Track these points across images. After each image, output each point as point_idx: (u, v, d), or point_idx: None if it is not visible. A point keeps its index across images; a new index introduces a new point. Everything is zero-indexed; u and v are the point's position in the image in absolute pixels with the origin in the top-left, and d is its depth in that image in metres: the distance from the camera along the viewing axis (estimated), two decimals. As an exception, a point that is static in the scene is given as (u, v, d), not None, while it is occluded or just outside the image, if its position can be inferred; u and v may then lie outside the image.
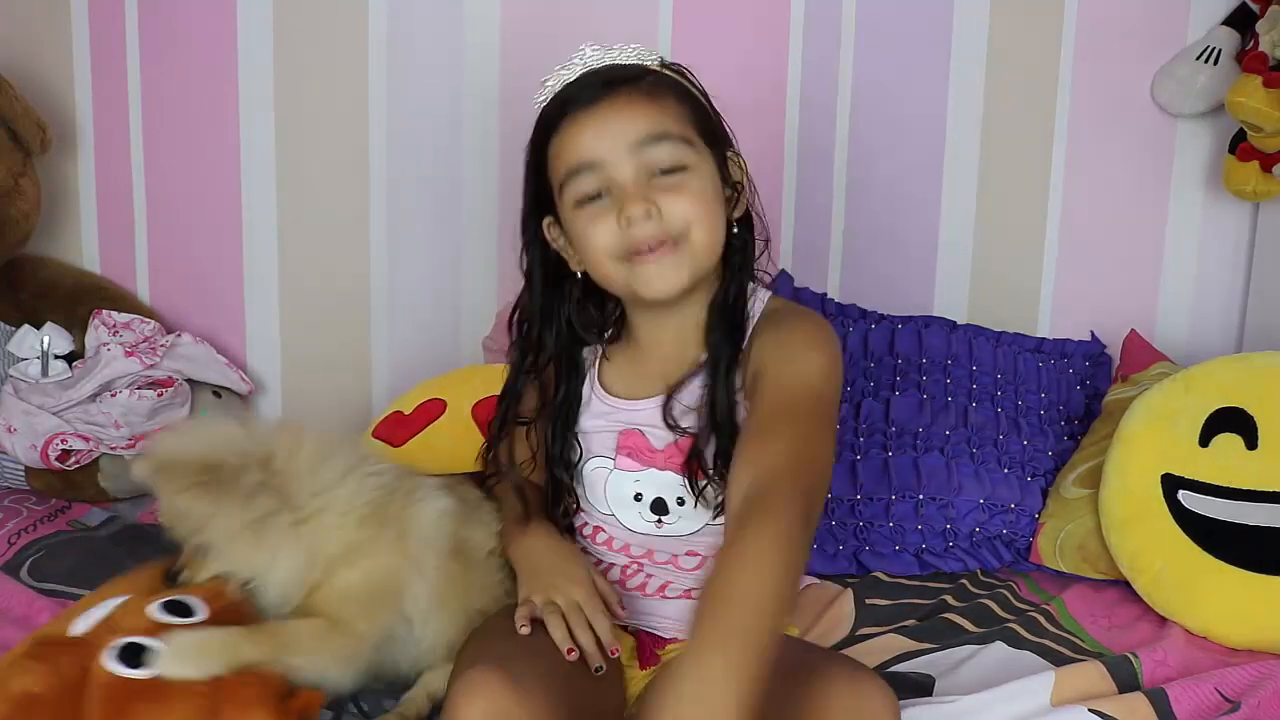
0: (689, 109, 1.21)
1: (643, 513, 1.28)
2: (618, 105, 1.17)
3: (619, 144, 1.17)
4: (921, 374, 1.76)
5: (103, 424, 1.75)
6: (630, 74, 1.20)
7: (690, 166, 1.19)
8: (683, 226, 1.17)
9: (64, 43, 1.95)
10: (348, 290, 1.98)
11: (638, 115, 1.17)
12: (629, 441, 1.26)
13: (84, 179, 1.99)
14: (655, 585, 1.29)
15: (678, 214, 1.17)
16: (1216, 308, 1.98)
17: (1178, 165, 1.95)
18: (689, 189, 1.18)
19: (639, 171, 1.17)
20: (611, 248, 1.18)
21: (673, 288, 1.19)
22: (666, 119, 1.18)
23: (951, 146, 1.95)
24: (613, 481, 1.28)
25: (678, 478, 1.24)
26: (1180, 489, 1.51)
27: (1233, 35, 1.86)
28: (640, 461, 1.26)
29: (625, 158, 1.17)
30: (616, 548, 1.30)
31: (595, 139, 1.17)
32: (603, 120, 1.17)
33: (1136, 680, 1.32)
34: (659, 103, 1.19)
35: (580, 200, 1.19)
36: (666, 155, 1.18)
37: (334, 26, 1.93)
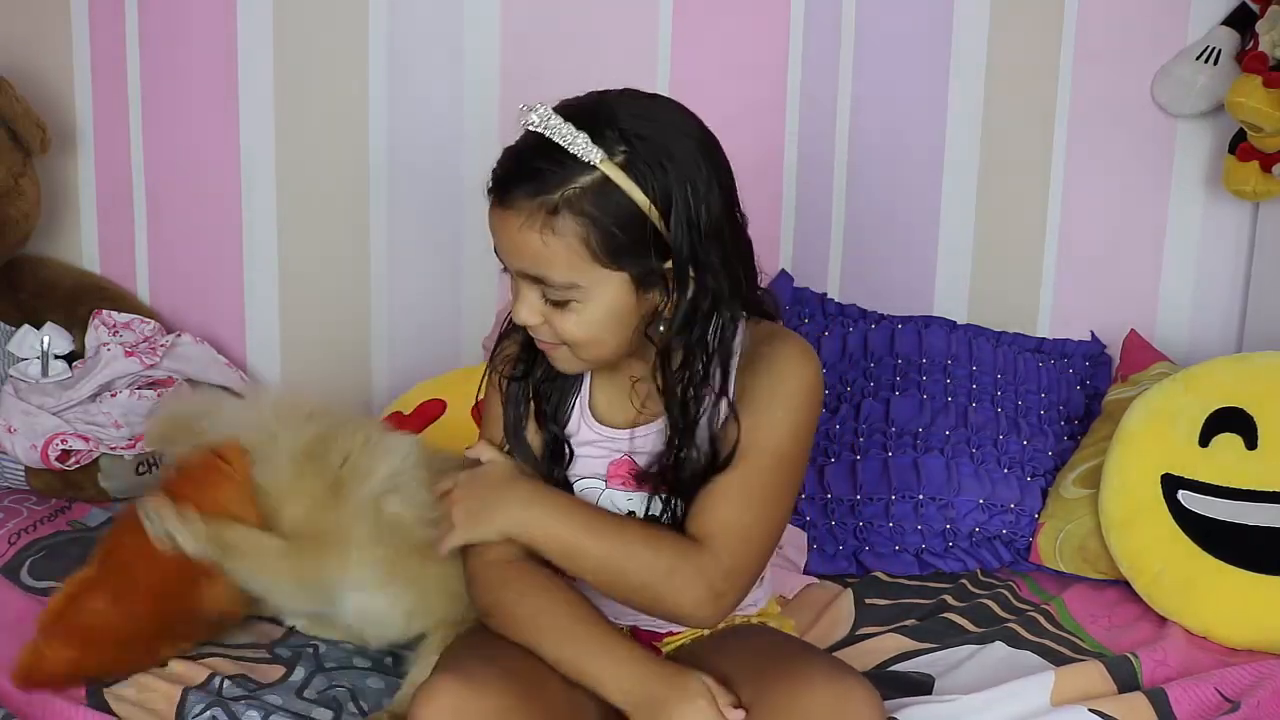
0: (596, 235, 1.10)
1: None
2: (508, 224, 1.11)
3: (510, 261, 1.14)
4: (921, 374, 1.76)
5: (103, 424, 1.74)
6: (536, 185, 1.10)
7: (580, 300, 1.12)
8: (569, 339, 1.15)
9: (64, 43, 1.95)
10: (348, 290, 1.98)
11: (521, 249, 1.11)
12: (621, 470, 1.24)
13: (84, 179, 1.99)
14: None
15: (562, 331, 1.14)
16: (1216, 308, 1.97)
17: (1178, 165, 1.95)
18: (574, 318, 1.13)
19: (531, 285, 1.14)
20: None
21: (575, 372, 1.22)
22: (552, 262, 1.10)
23: (952, 146, 1.95)
24: (605, 501, 1.25)
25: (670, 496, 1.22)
26: (1180, 489, 1.51)
27: (1233, 35, 1.85)
28: (631, 486, 1.24)
29: (515, 270, 1.14)
30: None
31: (497, 239, 1.15)
32: (498, 230, 1.14)
33: (1136, 680, 1.32)
34: (548, 239, 1.10)
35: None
36: (549, 293, 1.13)
37: (334, 27, 1.93)
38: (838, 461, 1.69)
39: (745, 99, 1.92)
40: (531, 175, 1.10)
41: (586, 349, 1.16)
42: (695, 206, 1.12)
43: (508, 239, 1.13)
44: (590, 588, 1.20)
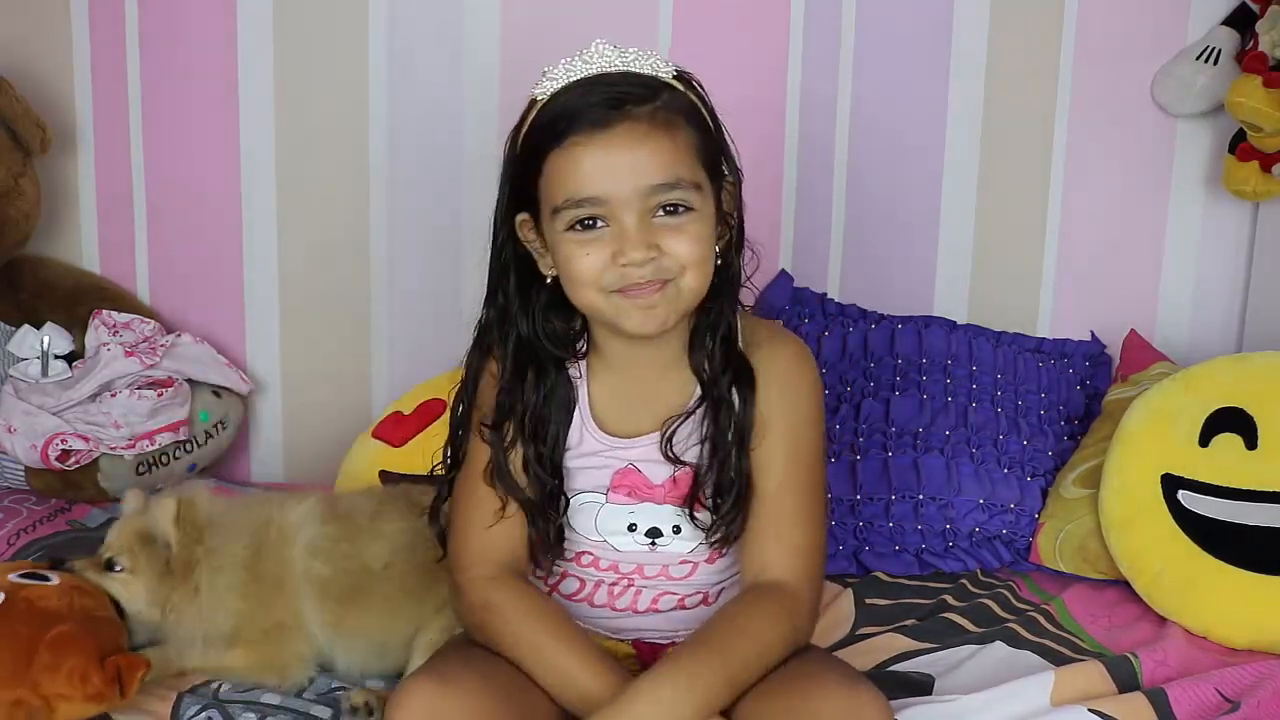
0: (700, 140, 1.13)
1: (636, 539, 1.23)
2: (630, 138, 1.09)
3: (627, 186, 1.09)
4: (921, 374, 1.76)
5: (103, 424, 1.74)
6: (644, 93, 1.11)
7: (695, 209, 1.12)
8: (678, 270, 1.12)
9: (64, 43, 1.95)
10: (348, 290, 1.98)
11: (651, 156, 1.09)
12: (626, 480, 1.22)
13: (84, 179, 1.99)
14: (647, 600, 1.25)
15: (676, 257, 1.11)
16: (1216, 307, 1.97)
17: (1178, 165, 1.95)
18: (690, 233, 1.12)
19: (644, 212, 1.11)
20: (600, 280, 1.12)
21: (657, 328, 1.14)
22: (679, 161, 1.11)
23: (952, 146, 1.95)
24: (604, 514, 1.23)
25: (674, 508, 1.21)
26: (1180, 489, 1.51)
27: (1233, 35, 1.85)
28: (636, 498, 1.22)
29: (633, 200, 1.10)
30: (604, 567, 1.25)
31: (603, 174, 1.09)
32: (612, 153, 1.09)
33: (1136, 680, 1.32)
34: (673, 138, 1.11)
35: (573, 225, 1.12)
36: (675, 199, 1.11)
37: (334, 27, 1.93)
38: (837, 461, 1.69)
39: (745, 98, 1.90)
40: (628, 92, 1.10)
41: (700, 272, 1.13)
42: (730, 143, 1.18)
43: (629, 154, 1.09)
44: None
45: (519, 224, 1.18)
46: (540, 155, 1.13)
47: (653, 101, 1.11)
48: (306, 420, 2.01)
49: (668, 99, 1.12)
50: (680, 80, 1.15)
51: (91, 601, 1.27)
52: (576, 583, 1.26)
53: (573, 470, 1.23)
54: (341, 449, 1.82)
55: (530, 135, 1.15)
